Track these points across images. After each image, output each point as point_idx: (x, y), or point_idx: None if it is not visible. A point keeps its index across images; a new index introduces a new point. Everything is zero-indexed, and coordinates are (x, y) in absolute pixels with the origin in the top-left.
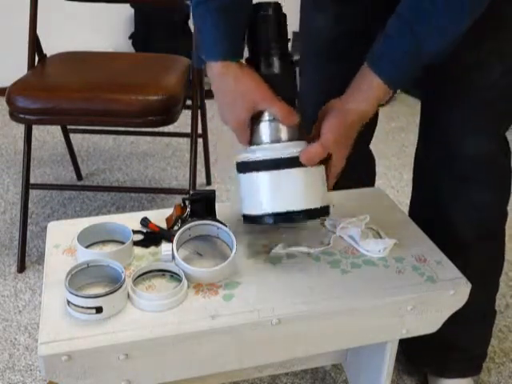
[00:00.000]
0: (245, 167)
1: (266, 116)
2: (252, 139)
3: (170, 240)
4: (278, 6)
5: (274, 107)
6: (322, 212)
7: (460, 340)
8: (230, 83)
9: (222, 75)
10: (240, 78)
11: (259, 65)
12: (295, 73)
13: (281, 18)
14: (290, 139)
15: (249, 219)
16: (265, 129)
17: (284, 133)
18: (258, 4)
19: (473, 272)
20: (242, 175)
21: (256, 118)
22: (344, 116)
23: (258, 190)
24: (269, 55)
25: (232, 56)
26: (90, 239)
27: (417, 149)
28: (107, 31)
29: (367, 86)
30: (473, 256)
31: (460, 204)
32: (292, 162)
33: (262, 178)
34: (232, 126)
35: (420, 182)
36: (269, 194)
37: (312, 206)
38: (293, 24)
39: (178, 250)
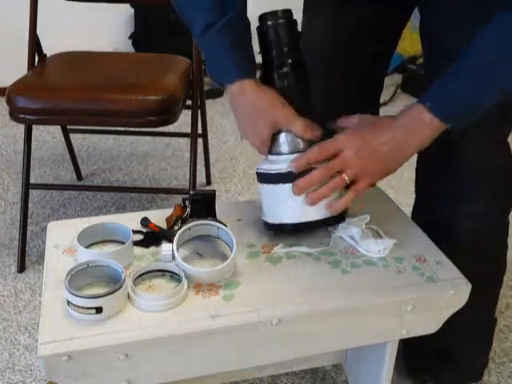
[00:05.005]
0: (265, 178)
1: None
2: (272, 147)
3: (170, 240)
4: (287, 15)
5: (294, 126)
6: (338, 219)
7: (456, 350)
8: (249, 102)
9: (239, 95)
10: (257, 96)
11: (272, 77)
12: (309, 84)
13: (292, 25)
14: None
15: (269, 226)
16: (284, 139)
17: (303, 143)
18: (266, 13)
19: (470, 281)
20: (263, 185)
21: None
22: (376, 134)
23: (278, 201)
24: (281, 66)
25: (246, 75)
26: (90, 239)
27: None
28: (107, 31)
29: (420, 122)
30: (470, 264)
31: (458, 212)
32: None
33: (282, 190)
34: (253, 143)
35: (421, 184)
36: (288, 204)
37: (328, 215)
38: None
39: (178, 250)
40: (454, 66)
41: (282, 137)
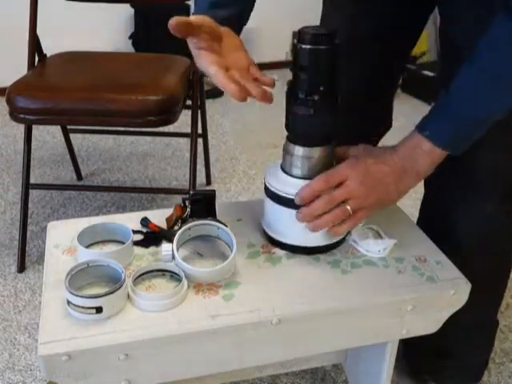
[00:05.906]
0: (273, 197)
1: (301, 150)
2: (285, 164)
3: (170, 240)
4: (329, 38)
5: (207, 73)
6: (338, 244)
7: (456, 350)
8: None
9: None
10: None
11: (299, 100)
12: (336, 113)
13: (332, 53)
14: None
15: (272, 240)
16: (297, 162)
17: (316, 172)
18: (305, 34)
19: (471, 281)
20: (270, 201)
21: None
22: (375, 163)
23: (283, 221)
24: (311, 93)
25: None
26: (89, 239)
27: None
28: (107, 31)
29: (420, 150)
30: (473, 265)
31: (463, 212)
32: None
33: (288, 212)
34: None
35: (431, 185)
36: (293, 227)
37: (330, 242)
38: (299, 25)
39: (178, 249)
40: (446, 89)
41: (295, 159)
